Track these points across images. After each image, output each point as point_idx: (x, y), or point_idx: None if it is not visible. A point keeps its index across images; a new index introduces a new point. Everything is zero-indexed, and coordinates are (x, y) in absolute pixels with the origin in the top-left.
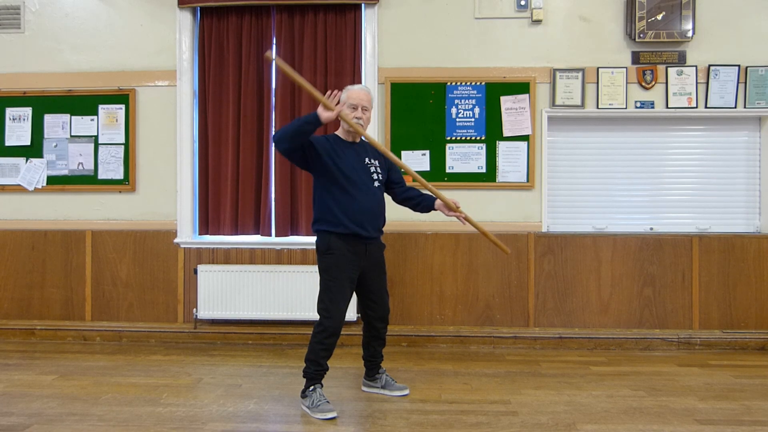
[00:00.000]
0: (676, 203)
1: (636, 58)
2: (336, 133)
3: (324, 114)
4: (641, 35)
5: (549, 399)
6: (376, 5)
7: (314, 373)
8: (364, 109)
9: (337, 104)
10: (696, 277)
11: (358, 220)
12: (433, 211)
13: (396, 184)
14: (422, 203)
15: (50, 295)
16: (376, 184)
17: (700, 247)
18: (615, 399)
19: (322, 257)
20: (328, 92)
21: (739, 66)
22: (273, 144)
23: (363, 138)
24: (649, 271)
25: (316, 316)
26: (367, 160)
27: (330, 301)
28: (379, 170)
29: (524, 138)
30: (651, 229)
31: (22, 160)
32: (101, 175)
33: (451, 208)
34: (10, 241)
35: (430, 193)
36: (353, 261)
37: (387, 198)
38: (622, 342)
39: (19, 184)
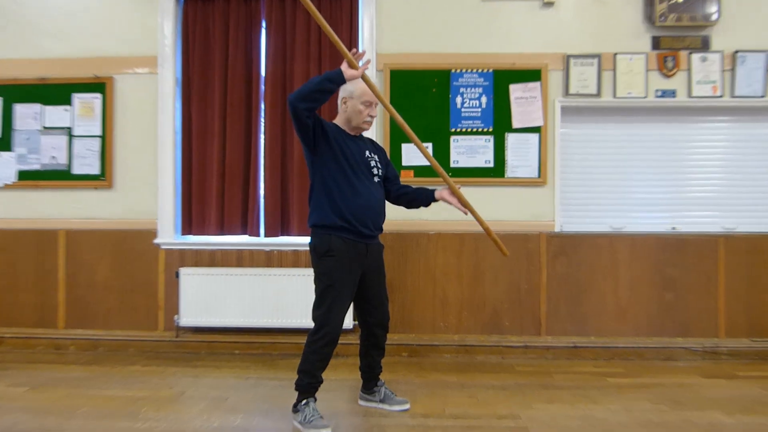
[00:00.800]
0: (700, 200)
1: (656, 43)
2: (335, 122)
3: (348, 71)
4: (662, 19)
5: (562, 413)
6: None
7: (307, 386)
8: (375, 106)
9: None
10: (722, 281)
11: (361, 216)
12: (433, 205)
13: (391, 181)
14: (419, 197)
15: (21, 300)
16: (377, 179)
17: (726, 248)
18: (634, 413)
19: (321, 259)
20: (354, 50)
21: (767, 52)
22: (289, 105)
23: (362, 133)
24: (671, 274)
25: (309, 323)
26: (367, 153)
27: (328, 307)
28: (379, 165)
29: (535, 130)
30: (673, 228)
31: None
32: (76, 170)
33: (458, 197)
34: None
35: (425, 187)
36: (354, 264)
37: None
38: (641, 351)
39: None
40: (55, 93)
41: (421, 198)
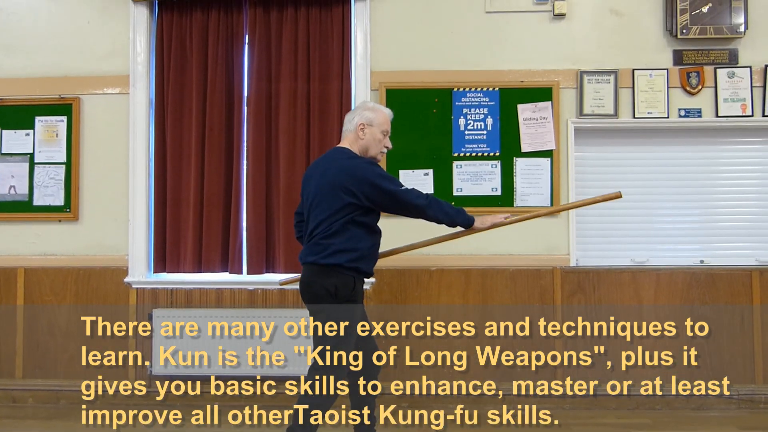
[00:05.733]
0: (731, 231)
1: (678, 58)
2: (346, 146)
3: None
4: (684, 31)
5: None
6: None
7: None
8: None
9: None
10: (758, 320)
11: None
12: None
13: None
14: None
15: None
16: None
17: (762, 283)
18: None
19: (342, 304)
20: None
21: None
22: (430, 209)
23: None
24: (701, 313)
25: (299, 370)
26: None
27: (341, 355)
28: None
29: (547, 154)
30: (701, 262)
31: None
32: (37, 201)
33: None
34: None
35: None
36: (363, 308)
37: (391, 224)
38: (669, 400)
39: None
40: (15, 115)
41: None
